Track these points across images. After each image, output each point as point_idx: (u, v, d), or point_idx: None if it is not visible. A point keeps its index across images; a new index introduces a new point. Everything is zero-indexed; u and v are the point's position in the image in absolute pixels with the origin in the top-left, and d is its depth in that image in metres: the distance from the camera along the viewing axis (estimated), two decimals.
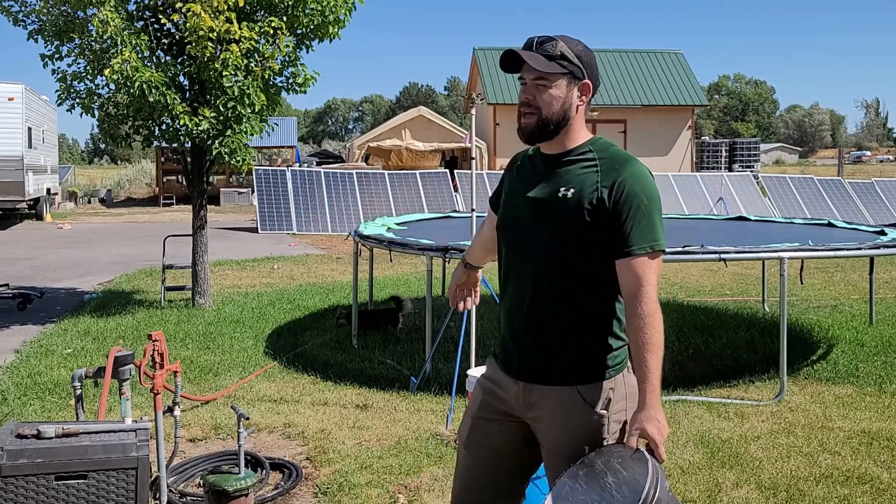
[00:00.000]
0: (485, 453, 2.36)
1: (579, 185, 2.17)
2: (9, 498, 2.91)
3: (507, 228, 2.32)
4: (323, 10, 7.88)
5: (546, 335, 2.22)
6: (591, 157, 2.22)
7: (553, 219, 2.18)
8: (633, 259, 2.14)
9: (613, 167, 2.17)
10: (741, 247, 5.72)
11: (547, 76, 2.18)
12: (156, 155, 28.73)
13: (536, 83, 2.19)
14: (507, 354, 2.32)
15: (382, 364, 6.29)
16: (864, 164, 58.91)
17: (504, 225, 2.33)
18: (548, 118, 2.20)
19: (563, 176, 2.22)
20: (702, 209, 18.75)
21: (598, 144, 2.25)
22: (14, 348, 6.98)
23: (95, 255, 13.85)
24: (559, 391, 2.21)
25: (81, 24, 7.70)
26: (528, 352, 2.26)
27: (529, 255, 2.24)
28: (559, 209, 2.18)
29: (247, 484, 3.51)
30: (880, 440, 4.61)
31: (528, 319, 2.24)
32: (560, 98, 2.19)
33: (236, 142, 7.81)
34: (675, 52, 28.57)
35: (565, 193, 2.18)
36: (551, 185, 2.22)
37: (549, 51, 2.17)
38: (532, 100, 2.20)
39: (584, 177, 2.18)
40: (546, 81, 2.19)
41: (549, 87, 2.19)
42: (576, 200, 2.16)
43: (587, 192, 2.16)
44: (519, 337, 2.28)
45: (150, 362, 3.55)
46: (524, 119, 2.22)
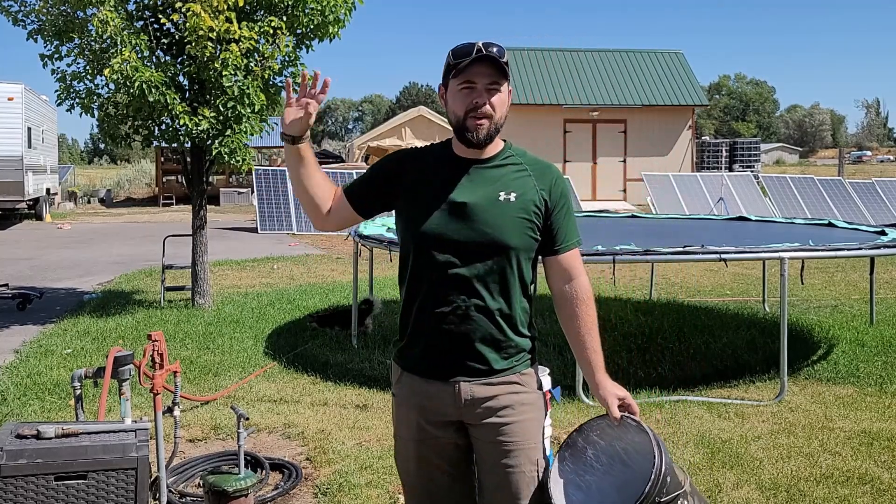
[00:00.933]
0: (436, 468, 2.36)
1: (520, 189, 2.27)
2: (8, 498, 2.91)
3: (432, 234, 2.24)
4: (323, 9, 7.87)
5: (480, 331, 2.26)
6: (518, 162, 2.32)
7: (490, 220, 2.23)
8: (573, 252, 2.34)
9: (543, 171, 2.32)
10: (741, 247, 5.72)
11: (500, 81, 2.23)
12: (155, 155, 28.73)
13: (490, 87, 2.22)
14: (433, 359, 2.28)
15: (382, 364, 6.29)
16: (864, 164, 58.93)
17: (427, 231, 2.25)
18: (499, 122, 2.26)
19: (498, 180, 2.27)
20: (702, 209, 18.74)
21: (517, 150, 2.36)
22: (14, 348, 6.97)
23: (95, 255, 13.85)
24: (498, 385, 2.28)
25: (81, 24, 7.70)
26: (463, 351, 2.26)
27: (460, 255, 2.23)
28: (499, 211, 2.24)
29: (247, 484, 3.51)
30: (881, 440, 4.61)
31: (461, 318, 2.24)
32: (506, 102, 2.28)
33: (236, 142, 7.81)
34: (675, 52, 28.56)
35: (507, 197, 2.25)
36: (487, 189, 2.25)
37: (500, 56, 2.20)
38: (485, 104, 2.22)
39: (522, 181, 2.29)
40: (498, 86, 2.23)
41: (500, 91, 2.24)
42: (520, 203, 2.25)
43: (529, 196, 2.27)
44: (453, 337, 2.25)
45: (149, 362, 3.55)
46: (479, 123, 2.22)
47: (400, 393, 2.38)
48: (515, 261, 2.26)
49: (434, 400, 2.30)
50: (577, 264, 2.33)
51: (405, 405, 2.36)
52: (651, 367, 6.18)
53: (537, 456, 2.29)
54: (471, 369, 2.27)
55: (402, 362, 2.37)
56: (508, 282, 2.26)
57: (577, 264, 2.33)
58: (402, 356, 2.36)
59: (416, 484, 2.40)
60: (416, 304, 2.30)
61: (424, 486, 2.39)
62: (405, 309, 2.34)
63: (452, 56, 2.23)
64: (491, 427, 2.28)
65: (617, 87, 26.59)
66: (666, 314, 8.17)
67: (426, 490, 2.39)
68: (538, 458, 2.29)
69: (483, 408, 2.28)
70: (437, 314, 2.26)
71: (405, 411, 2.36)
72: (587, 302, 2.31)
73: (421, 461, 2.36)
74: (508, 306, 2.27)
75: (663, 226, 8.59)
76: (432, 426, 2.31)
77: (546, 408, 2.40)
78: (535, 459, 2.28)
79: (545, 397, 2.40)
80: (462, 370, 2.27)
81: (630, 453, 2.26)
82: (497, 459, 2.28)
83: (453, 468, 2.36)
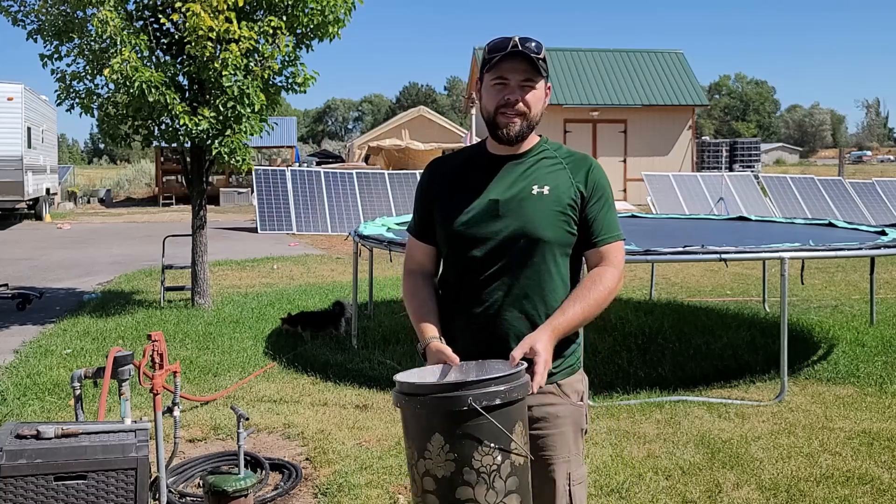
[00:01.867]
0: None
1: (554, 182, 2.21)
2: (8, 498, 2.90)
3: (464, 232, 2.22)
4: (323, 9, 7.87)
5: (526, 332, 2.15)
6: (552, 156, 2.27)
7: (524, 215, 2.18)
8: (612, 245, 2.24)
9: (578, 164, 2.26)
10: (742, 247, 5.72)
11: (534, 78, 2.19)
12: (155, 155, 28.72)
13: (523, 84, 2.18)
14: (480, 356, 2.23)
15: (382, 364, 6.28)
16: (864, 164, 58.92)
17: (458, 230, 2.23)
18: (533, 120, 2.22)
19: (532, 174, 2.23)
20: (702, 209, 18.74)
21: (552, 144, 2.32)
22: (13, 348, 6.97)
23: (95, 255, 13.84)
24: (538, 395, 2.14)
25: (81, 24, 7.70)
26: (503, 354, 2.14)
27: (500, 253, 2.19)
28: (533, 206, 2.19)
29: (246, 484, 3.50)
30: (881, 440, 4.60)
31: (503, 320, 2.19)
32: (542, 100, 2.24)
33: (236, 142, 7.81)
34: (676, 51, 28.56)
35: (540, 191, 2.20)
36: (520, 184, 2.22)
37: (537, 52, 2.16)
38: (518, 101, 2.18)
39: (556, 174, 2.23)
40: (532, 83, 2.19)
41: (535, 88, 2.20)
42: (553, 197, 2.19)
43: (563, 189, 2.21)
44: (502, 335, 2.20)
45: (149, 362, 3.55)
46: (511, 121, 2.19)
47: None
48: (551, 256, 2.19)
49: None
50: (611, 256, 2.21)
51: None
52: (651, 367, 6.17)
53: (570, 469, 2.23)
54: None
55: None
56: (544, 279, 2.19)
57: (611, 256, 2.21)
58: None
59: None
60: (451, 305, 2.27)
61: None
62: (442, 310, 2.29)
63: (487, 50, 2.20)
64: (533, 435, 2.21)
65: (617, 87, 26.59)
66: (666, 314, 8.16)
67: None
68: (571, 472, 2.23)
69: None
70: (470, 315, 2.22)
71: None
72: (598, 282, 2.17)
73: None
74: (545, 306, 2.19)
75: (663, 226, 8.59)
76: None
77: (586, 419, 2.28)
78: (567, 473, 2.22)
79: (585, 410, 2.27)
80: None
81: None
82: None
83: None
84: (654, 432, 4.75)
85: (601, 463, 4.25)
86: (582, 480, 2.26)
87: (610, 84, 26.65)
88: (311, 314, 7.43)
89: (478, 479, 1.86)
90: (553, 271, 2.20)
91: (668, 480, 4.06)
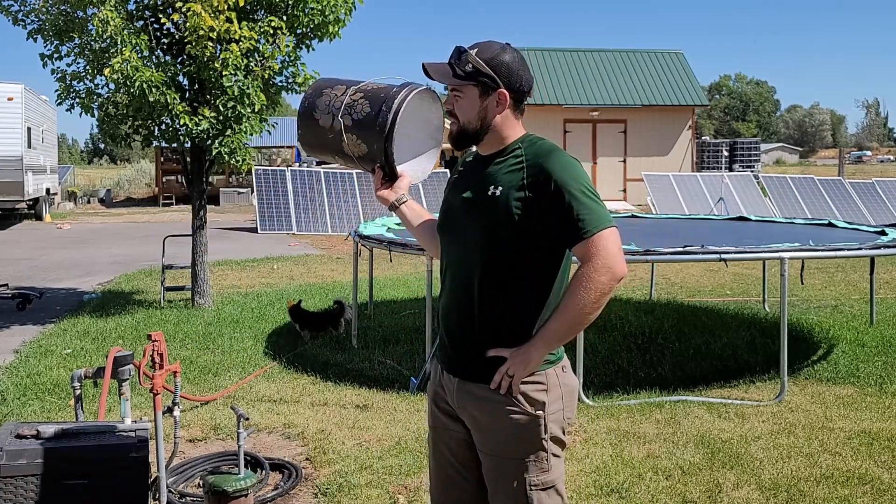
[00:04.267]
0: (446, 461, 2.39)
1: (506, 183, 2.22)
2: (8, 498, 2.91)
3: (443, 227, 2.39)
4: (323, 9, 7.87)
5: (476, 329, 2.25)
6: (518, 154, 2.26)
7: (480, 216, 2.23)
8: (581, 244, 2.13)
9: (537, 160, 2.20)
10: (742, 247, 5.71)
11: (459, 87, 2.29)
12: (155, 155, 28.71)
13: (453, 93, 2.31)
14: (445, 352, 2.36)
15: (382, 364, 6.29)
16: (864, 164, 58.89)
17: (441, 223, 2.40)
18: (465, 126, 2.31)
19: (491, 175, 2.27)
20: (702, 209, 18.74)
21: (530, 141, 2.29)
22: (13, 348, 6.97)
23: (95, 255, 13.84)
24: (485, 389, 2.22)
25: (81, 24, 7.70)
26: (460, 348, 2.29)
27: (461, 252, 2.28)
28: (487, 207, 2.22)
29: (246, 484, 3.50)
30: (881, 440, 4.60)
31: (461, 315, 2.27)
32: (473, 107, 2.28)
33: (236, 141, 7.81)
34: (676, 52, 28.55)
35: (493, 192, 2.23)
36: (481, 185, 2.27)
37: (461, 64, 2.26)
38: (451, 108, 2.32)
39: (511, 174, 2.23)
40: (459, 92, 2.30)
41: (462, 97, 2.29)
42: (504, 198, 2.20)
43: (513, 188, 2.19)
44: (453, 333, 2.31)
45: (149, 362, 3.55)
46: (449, 125, 2.36)
47: (430, 379, 2.47)
48: (509, 258, 2.19)
49: (443, 388, 2.36)
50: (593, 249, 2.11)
51: (429, 391, 2.45)
52: (651, 367, 6.17)
53: (529, 475, 2.21)
54: (463, 369, 2.29)
55: (435, 351, 2.46)
56: (504, 281, 2.21)
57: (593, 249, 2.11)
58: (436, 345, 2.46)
59: (432, 471, 2.46)
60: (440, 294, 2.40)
61: (438, 476, 2.43)
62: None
63: None
64: (476, 435, 2.28)
65: (617, 87, 26.59)
66: (666, 314, 8.16)
67: (439, 480, 2.43)
68: (529, 477, 2.21)
69: (468, 415, 2.29)
70: (444, 309, 2.34)
71: (428, 397, 2.46)
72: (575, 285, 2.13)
73: (435, 449, 2.42)
74: (503, 308, 2.21)
75: (663, 226, 8.59)
76: (443, 416, 2.37)
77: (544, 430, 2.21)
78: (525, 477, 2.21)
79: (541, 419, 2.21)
80: (459, 368, 2.30)
81: None
82: (489, 468, 2.28)
83: (465, 469, 2.36)
84: (654, 432, 4.75)
85: (601, 463, 4.25)
86: (548, 486, 2.22)
87: (610, 84, 26.64)
88: (310, 314, 7.43)
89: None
90: (513, 275, 2.20)
91: (668, 480, 4.06)
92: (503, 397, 2.20)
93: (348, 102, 2.48)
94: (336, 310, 7.32)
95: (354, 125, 2.46)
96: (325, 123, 2.51)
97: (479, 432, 2.27)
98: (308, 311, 7.44)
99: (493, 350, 2.21)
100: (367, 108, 2.45)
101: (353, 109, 2.47)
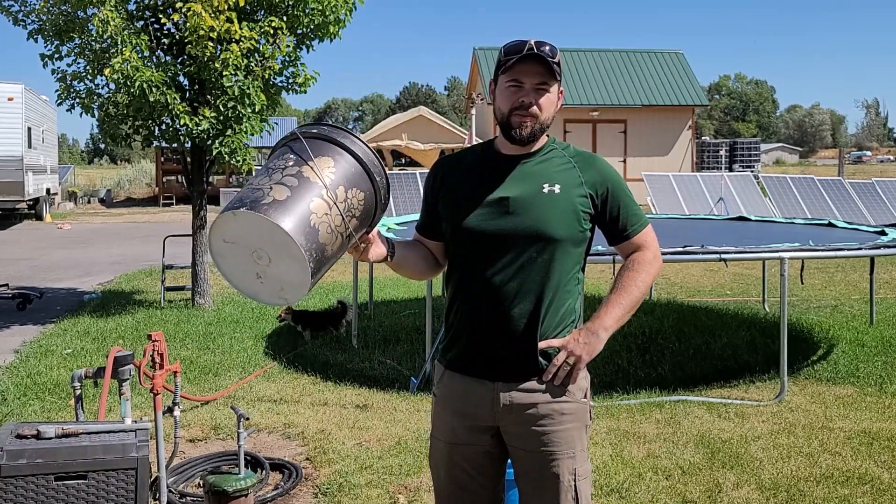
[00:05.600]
0: (466, 475, 2.32)
1: (563, 181, 2.23)
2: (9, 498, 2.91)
3: (471, 229, 2.24)
4: (323, 9, 7.87)
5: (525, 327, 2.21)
6: (561, 155, 2.29)
7: (539, 213, 2.20)
8: (640, 234, 2.31)
9: (587, 162, 2.29)
10: (741, 247, 5.72)
11: (549, 81, 2.21)
12: (155, 155, 28.72)
13: (538, 87, 2.20)
14: (478, 357, 2.25)
15: (382, 364, 6.29)
16: (864, 164, 58.90)
17: (466, 227, 2.24)
18: (545, 122, 2.24)
19: (540, 173, 2.25)
20: (702, 209, 18.73)
21: (560, 143, 2.34)
22: (14, 348, 6.97)
23: (95, 256, 13.85)
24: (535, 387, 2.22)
25: (81, 24, 7.70)
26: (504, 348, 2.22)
27: (503, 251, 2.21)
28: (546, 204, 2.21)
29: (247, 484, 3.51)
30: (881, 440, 4.61)
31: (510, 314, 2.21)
32: (555, 103, 2.26)
33: (236, 142, 7.81)
34: (675, 52, 28.55)
35: (552, 189, 2.22)
36: (530, 182, 2.24)
37: (552, 56, 2.18)
38: (532, 105, 2.20)
39: (565, 173, 2.25)
40: (547, 86, 2.21)
41: (548, 91, 2.22)
42: (565, 195, 2.22)
43: (573, 187, 2.24)
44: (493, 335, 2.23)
45: (149, 362, 3.55)
46: (523, 122, 2.20)
47: (440, 393, 2.35)
48: (561, 254, 2.21)
49: (472, 402, 2.26)
50: (642, 242, 2.31)
51: (444, 406, 2.33)
52: (651, 367, 6.18)
53: (576, 465, 2.23)
54: (509, 371, 2.23)
55: (445, 360, 2.34)
56: (552, 277, 2.20)
57: (642, 242, 2.31)
58: (445, 354, 2.34)
59: (443, 487, 2.37)
60: (458, 302, 2.30)
61: (452, 492, 2.35)
62: (448, 307, 2.34)
63: (503, 52, 2.22)
64: (529, 436, 2.23)
65: (617, 87, 26.59)
66: (666, 314, 8.16)
67: (453, 495, 2.35)
68: (576, 468, 2.23)
69: (521, 415, 2.23)
70: (477, 311, 2.24)
71: (443, 412, 2.34)
72: (636, 268, 2.28)
73: (452, 466, 2.32)
74: (551, 303, 2.22)
75: (663, 226, 8.58)
76: (467, 432, 2.28)
77: (590, 416, 2.31)
78: (573, 469, 2.23)
79: (589, 406, 2.30)
80: (501, 371, 2.23)
81: None
82: (535, 468, 2.24)
83: (482, 476, 2.32)
84: (654, 432, 4.75)
85: (601, 463, 4.25)
86: (586, 476, 2.27)
87: (610, 84, 26.64)
88: (311, 313, 7.43)
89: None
90: (561, 270, 2.22)
91: (668, 480, 4.06)
92: (557, 389, 2.21)
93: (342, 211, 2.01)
94: (339, 310, 7.32)
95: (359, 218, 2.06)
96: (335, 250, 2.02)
97: (525, 432, 2.22)
98: (309, 311, 7.45)
99: (543, 342, 2.20)
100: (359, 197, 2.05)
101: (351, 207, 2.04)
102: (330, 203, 1.98)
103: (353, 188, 2.04)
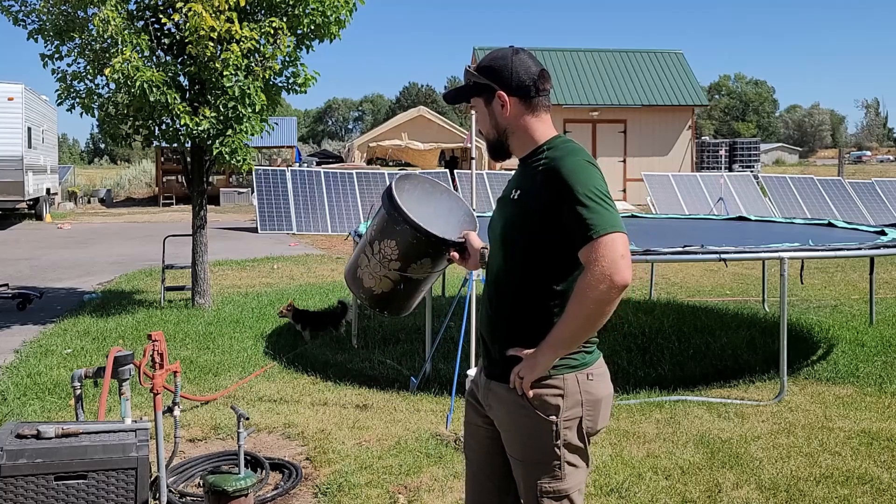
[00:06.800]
0: (479, 459, 2.43)
1: (525, 186, 2.24)
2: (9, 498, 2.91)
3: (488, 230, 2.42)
4: (324, 10, 7.87)
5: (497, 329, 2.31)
6: (542, 157, 2.22)
7: (504, 219, 2.29)
8: (584, 248, 2.07)
9: (549, 166, 2.16)
10: (741, 247, 5.72)
11: (472, 104, 2.36)
12: (156, 155, 28.71)
13: (472, 112, 2.44)
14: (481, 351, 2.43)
15: (382, 364, 6.29)
16: (864, 164, 58.87)
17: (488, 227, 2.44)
18: (488, 137, 2.35)
19: (518, 178, 2.32)
20: (702, 209, 18.74)
21: (555, 143, 2.25)
22: (14, 348, 6.97)
23: (95, 255, 13.85)
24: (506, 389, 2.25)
25: (82, 24, 7.70)
26: (488, 347, 2.36)
27: (491, 255, 2.36)
28: (509, 210, 2.28)
29: (247, 484, 3.51)
30: (880, 440, 4.61)
31: (488, 315, 2.35)
32: (485, 117, 2.34)
33: (236, 142, 7.81)
34: (675, 52, 28.55)
35: (515, 195, 2.27)
36: (509, 188, 2.34)
37: (465, 81, 2.35)
38: (479, 125, 2.38)
39: (531, 178, 2.22)
40: (473, 108, 2.37)
41: (476, 111, 2.36)
42: (522, 201, 2.23)
43: (531, 192, 2.19)
44: (483, 333, 2.39)
45: (149, 362, 3.55)
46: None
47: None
48: (526, 259, 2.21)
49: (479, 388, 2.41)
50: (586, 259, 2.07)
51: (467, 388, 2.53)
52: (651, 367, 6.18)
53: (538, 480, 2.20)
54: (490, 368, 2.35)
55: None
56: (522, 281, 2.23)
57: (586, 259, 2.07)
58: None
59: (466, 463, 2.51)
60: None
61: (470, 468, 2.48)
62: None
63: None
64: (502, 435, 2.32)
65: (617, 87, 26.59)
66: (666, 314, 8.16)
67: (471, 472, 2.48)
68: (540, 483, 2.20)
69: (493, 414, 2.33)
70: (481, 309, 2.41)
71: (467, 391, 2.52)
72: (573, 295, 2.10)
73: (466, 446, 2.49)
74: (521, 308, 2.23)
75: (663, 226, 8.59)
76: (475, 413, 2.42)
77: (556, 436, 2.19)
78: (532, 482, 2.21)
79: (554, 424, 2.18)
80: (488, 367, 2.36)
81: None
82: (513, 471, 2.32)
83: (487, 464, 2.41)
84: (654, 432, 4.75)
85: (601, 463, 4.25)
86: (558, 494, 2.20)
87: (610, 84, 26.64)
88: (311, 313, 7.43)
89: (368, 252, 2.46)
90: (530, 275, 2.21)
91: (667, 480, 4.06)
92: (519, 398, 2.22)
93: (379, 260, 2.41)
94: (339, 310, 7.33)
95: (400, 259, 2.38)
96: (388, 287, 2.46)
97: (502, 433, 2.32)
98: (309, 311, 7.45)
99: (511, 350, 2.23)
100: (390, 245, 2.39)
101: (385, 255, 2.40)
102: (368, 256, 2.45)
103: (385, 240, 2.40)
